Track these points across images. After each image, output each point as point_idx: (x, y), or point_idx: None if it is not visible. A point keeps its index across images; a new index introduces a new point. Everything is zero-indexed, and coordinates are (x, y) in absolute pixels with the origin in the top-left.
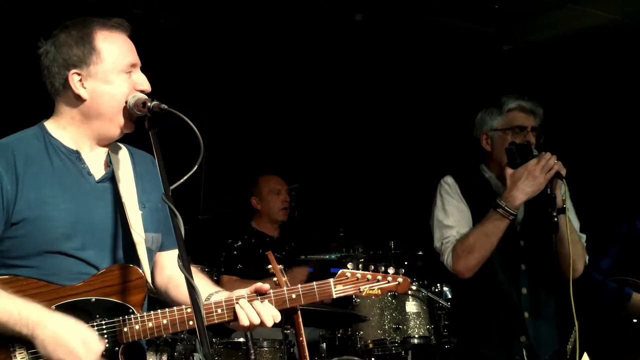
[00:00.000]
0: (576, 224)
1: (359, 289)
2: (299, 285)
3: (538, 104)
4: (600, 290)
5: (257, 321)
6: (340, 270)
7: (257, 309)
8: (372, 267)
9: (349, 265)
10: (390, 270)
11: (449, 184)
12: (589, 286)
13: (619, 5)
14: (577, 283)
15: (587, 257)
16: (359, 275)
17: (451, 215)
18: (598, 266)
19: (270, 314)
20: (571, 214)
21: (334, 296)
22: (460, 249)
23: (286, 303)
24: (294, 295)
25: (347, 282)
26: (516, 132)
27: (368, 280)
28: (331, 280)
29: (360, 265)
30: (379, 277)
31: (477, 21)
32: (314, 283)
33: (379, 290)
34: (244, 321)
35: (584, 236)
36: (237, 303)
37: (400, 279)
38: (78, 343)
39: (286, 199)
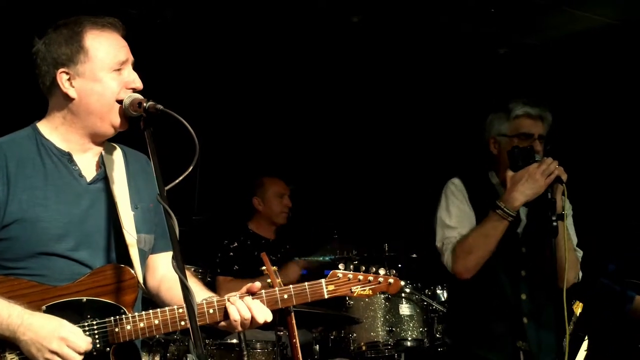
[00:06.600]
0: (574, 239)
1: (351, 289)
2: (291, 286)
3: (546, 109)
4: (605, 293)
5: (247, 315)
6: (332, 271)
7: (247, 304)
8: (364, 268)
9: (341, 266)
10: (382, 272)
11: (455, 185)
12: (595, 290)
13: (614, 8)
14: (583, 288)
15: (580, 273)
16: (350, 276)
17: (454, 217)
18: (605, 270)
19: (261, 310)
20: (570, 228)
21: (326, 296)
22: (459, 249)
23: (278, 303)
24: (285, 296)
25: (338, 283)
26: (522, 139)
27: (359, 281)
28: (323, 280)
29: (351, 267)
30: (370, 278)
31: (473, 24)
32: (306, 283)
33: (370, 291)
34: (234, 315)
35: (580, 252)
36: (227, 300)
37: (391, 280)
38: (58, 345)
39: (289, 204)
